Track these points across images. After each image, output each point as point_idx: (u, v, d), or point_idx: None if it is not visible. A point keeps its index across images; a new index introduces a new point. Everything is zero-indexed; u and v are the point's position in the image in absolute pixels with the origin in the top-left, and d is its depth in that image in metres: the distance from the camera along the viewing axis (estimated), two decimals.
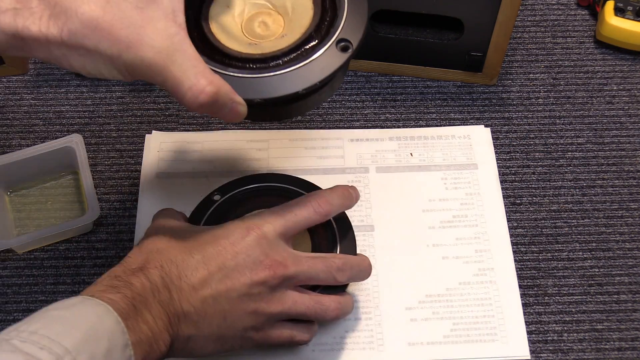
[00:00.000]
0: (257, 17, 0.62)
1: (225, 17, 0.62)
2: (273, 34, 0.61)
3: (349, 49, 0.58)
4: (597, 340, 0.71)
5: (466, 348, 0.70)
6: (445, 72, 0.86)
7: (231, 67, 0.58)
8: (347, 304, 0.65)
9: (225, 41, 0.60)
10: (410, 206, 0.78)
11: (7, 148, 0.82)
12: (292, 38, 0.60)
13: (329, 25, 0.60)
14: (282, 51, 0.59)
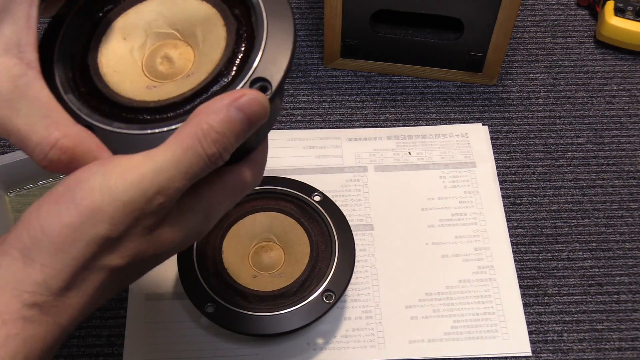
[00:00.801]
0: (160, 51, 0.50)
1: (121, 53, 0.50)
2: (179, 71, 0.49)
3: (268, 90, 0.46)
4: (597, 340, 0.71)
5: (467, 345, 0.70)
6: (445, 72, 0.86)
7: (118, 119, 0.47)
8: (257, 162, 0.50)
9: (117, 85, 0.49)
10: (409, 205, 0.78)
11: (7, 148, 0.82)
12: (198, 77, 0.48)
13: (243, 59, 0.48)
14: (183, 96, 0.47)
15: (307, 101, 0.85)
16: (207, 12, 0.50)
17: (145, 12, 0.51)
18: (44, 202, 0.43)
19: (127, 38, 0.50)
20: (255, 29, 0.48)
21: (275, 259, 0.70)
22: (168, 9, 0.51)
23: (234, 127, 0.43)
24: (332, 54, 0.86)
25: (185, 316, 0.70)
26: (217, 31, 0.49)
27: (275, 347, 0.69)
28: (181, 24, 0.50)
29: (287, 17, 0.49)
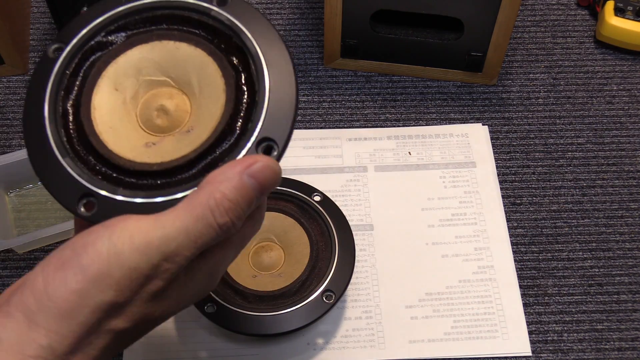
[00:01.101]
0: (155, 100, 0.48)
1: (114, 105, 0.48)
2: (177, 123, 0.47)
3: (274, 150, 0.45)
4: (597, 340, 0.71)
5: (467, 345, 0.70)
6: (445, 72, 0.86)
7: (121, 185, 0.45)
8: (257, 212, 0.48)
9: (115, 144, 0.46)
10: (409, 205, 0.78)
11: (7, 148, 0.82)
12: (200, 135, 0.46)
13: (246, 116, 0.46)
14: (187, 158, 0.45)
15: (307, 101, 0.85)
16: (202, 60, 0.47)
17: (135, 59, 0.48)
18: (50, 264, 0.42)
19: (119, 88, 0.48)
20: (256, 82, 0.46)
21: (275, 259, 0.70)
22: (159, 55, 0.48)
23: (246, 195, 0.43)
24: (332, 54, 0.86)
25: (186, 316, 0.70)
26: (215, 82, 0.47)
27: (275, 347, 0.69)
28: (174, 71, 0.48)
29: (288, 69, 0.46)
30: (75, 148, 0.46)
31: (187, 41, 0.48)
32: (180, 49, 0.48)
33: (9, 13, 0.83)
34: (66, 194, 0.45)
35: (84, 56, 0.48)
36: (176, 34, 0.48)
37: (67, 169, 0.45)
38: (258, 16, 0.48)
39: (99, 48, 0.49)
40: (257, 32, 0.47)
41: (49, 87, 0.47)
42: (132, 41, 0.48)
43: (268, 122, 0.45)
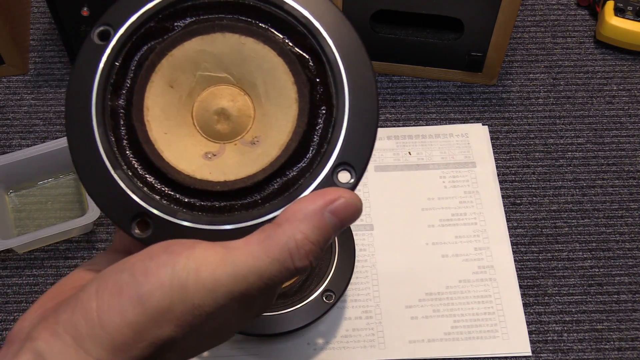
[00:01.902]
0: (215, 101, 0.42)
1: (169, 105, 0.42)
2: (239, 130, 0.42)
3: (351, 178, 0.40)
4: (597, 340, 0.71)
5: (467, 345, 0.70)
6: (445, 72, 0.86)
7: (181, 205, 0.40)
8: None
9: (171, 153, 0.41)
10: (409, 205, 0.78)
11: (7, 148, 0.82)
12: (267, 151, 0.41)
13: (322, 135, 0.40)
14: (254, 180, 0.40)
15: None
16: (272, 61, 0.41)
17: (193, 51, 0.42)
18: (106, 288, 0.38)
19: (174, 85, 0.42)
20: (334, 95, 0.40)
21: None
22: (222, 49, 0.42)
23: (327, 234, 0.38)
24: None
25: None
26: (285, 88, 0.41)
27: (275, 347, 0.69)
28: (237, 69, 0.42)
29: (370, 83, 0.40)
30: (127, 158, 0.41)
31: (255, 36, 0.41)
32: (247, 45, 0.41)
33: (9, 13, 0.83)
34: (118, 212, 0.40)
35: (136, 45, 0.42)
36: (242, 26, 0.42)
37: (120, 184, 0.40)
38: (338, 15, 0.41)
39: (152, 36, 0.42)
40: (337, 34, 0.41)
41: (96, 81, 0.41)
42: (191, 30, 0.42)
43: (346, 144, 0.40)
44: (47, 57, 0.88)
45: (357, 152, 0.40)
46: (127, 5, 0.42)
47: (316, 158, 0.40)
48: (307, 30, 0.41)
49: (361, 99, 0.40)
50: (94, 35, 0.41)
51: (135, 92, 0.41)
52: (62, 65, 0.87)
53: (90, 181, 0.40)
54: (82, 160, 0.40)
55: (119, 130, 0.41)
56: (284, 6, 0.41)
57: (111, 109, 0.41)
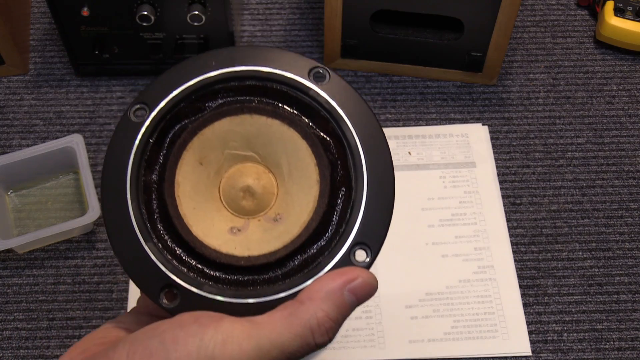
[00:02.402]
0: (241, 179, 0.44)
1: (198, 181, 0.44)
2: (263, 206, 0.44)
3: (367, 257, 0.42)
4: (597, 340, 0.71)
5: (467, 345, 0.70)
6: (445, 72, 0.86)
7: (207, 277, 0.42)
8: None
9: (199, 228, 0.43)
10: (409, 205, 0.78)
11: (7, 148, 0.82)
12: (289, 228, 0.43)
13: (341, 216, 0.43)
14: (277, 256, 0.42)
15: None
16: (296, 143, 0.44)
17: (223, 131, 0.44)
18: (137, 352, 0.39)
19: (204, 162, 0.44)
20: (353, 179, 0.43)
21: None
22: (249, 130, 0.44)
23: (345, 312, 0.41)
24: (332, 54, 0.86)
25: None
26: (307, 169, 0.43)
27: None
28: (263, 148, 0.45)
29: (388, 167, 0.43)
30: (158, 231, 0.43)
31: (281, 119, 0.44)
32: (273, 127, 0.44)
33: (9, 13, 0.83)
34: (148, 283, 0.42)
35: (170, 123, 0.45)
36: (269, 109, 0.44)
37: (151, 257, 0.42)
38: (358, 100, 0.44)
39: (185, 116, 0.45)
40: (357, 120, 0.44)
41: (131, 157, 0.43)
42: (222, 111, 0.44)
43: (363, 225, 0.42)
44: (47, 57, 0.88)
45: (373, 233, 0.42)
46: (162, 86, 0.44)
47: (335, 237, 0.42)
48: (330, 115, 0.44)
49: (379, 182, 0.42)
50: (131, 112, 0.44)
51: (167, 169, 0.44)
52: (62, 65, 0.87)
53: (123, 252, 0.43)
54: (115, 231, 0.43)
55: (151, 204, 0.43)
56: (309, 92, 0.44)
57: (144, 184, 0.43)
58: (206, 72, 0.45)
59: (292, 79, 0.44)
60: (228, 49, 0.45)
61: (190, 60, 0.45)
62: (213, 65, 0.45)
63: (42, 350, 0.70)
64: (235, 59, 0.45)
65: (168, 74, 0.45)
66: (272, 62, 0.45)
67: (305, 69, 0.45)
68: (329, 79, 0.44)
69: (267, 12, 0.92)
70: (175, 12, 0.78)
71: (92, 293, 0.73)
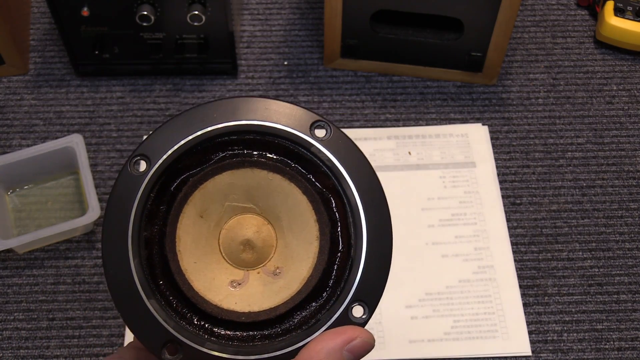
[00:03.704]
0: (241, 232, 0.45)
1: (198, 235, 0.44)
2: (262, 259, 0.45)
3: (364, 314, 0.42)
4: (597, 340, 0.71)
5: (467, 345, 0.70)
6: (445, 72, 0.86)
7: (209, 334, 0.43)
8: None
9: (201, 284, 0.43)
10: (409, 205, 0.78)
11: (7, 148, 0.82)
12: (289, 284, 0.43)
13: (340, 273, 0.43)
14: (277, 313, 0.43)
15: (307, 101, 0.85)
16: (296, 198, 0.44)
17: (224, 184, 0.45)
18: None
19: (204, 215, 0.44)
20: (353, 236, 0.43)
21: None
22: (250, 183, 0.45)
23: None
24: (332, 54, 0.86)
25: None
26: (307, 225, 0.44)
27: None
28: (263, 201, 0.45)
29: (386, 226, 0.43)
30: (160, 287, 0.43)
31: (282, 173, 0.44)
32: (273, 181, 0.44)
33: (9, 13, 0.83)
34: (150, 338, 0.42)
35: (171, 177, 0.44)
36: (270, 163, 0.44)
37: (153, 313, 0.42)
38: (359, 156, 0.45)
39: (186, 169, 0.44)
40: (358, 176, 0.44)
41: (133, 212, 0.43)
42: (223, 165, 0.44)
43: (362, 284, 0.42)
44: (47, 57, 0.88)
45: (371, 291, 0.42)
46: (162, 138, 0.44)
47: (334, 294, 0.43)
48: (331, 171, 0.44)
49: (378, 241, 0.43)
50: (131, 166, 0.44)
51: (169, 223, 0.43)
52: (62, 65, 0.87)
53: (125, 308, 0.42)
54: (117, 287, 0.42)
55: (153, 259, 0.43)
56: (310, 148, 0.44)
57: (145, 239, 0.43)
58: (207, 126, 0.44)
59: (293, 134, 0.44)
60: (229, 101, 0.45)
61: (191, 111, 0.45)
62: (214, 118, 0.44)
63: (42, 350, 0.70)
64: (236, 111, 0.44)
65: (168, 125, 0.44)
66: (274, 116, 0.45)
67: (307, 123, 0.45)
68: (331, 133, 0.45)
69: (267, 12, 0.92)
70: (175, 12, 0.78)
71: (92, 293, 0.73)
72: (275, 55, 0.89)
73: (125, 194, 0.43)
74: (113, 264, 0.42)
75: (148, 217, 0.43)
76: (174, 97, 0.85)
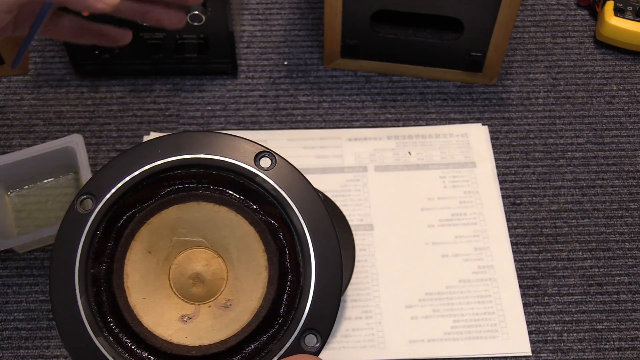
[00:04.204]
0: (189, 266, 0.45)
1: (147, 271, 0.44)
2: (213, 292, 0.45)
3: (317, 342, 0.42)
4: (597, 340, 0.71)
5: (467, 345, 0.70)
6: (445, 72, 0.86)
7: None
8: None
9: (150, 319, 0.43)
10: (409, 205, 0.78)
11: (7, 148, 0.82)
12: (239, 316, 0.43)
13: (290, 302, 0.43)
14: (227, 345, 0.42)
15: (307, 101, 0.85)
16: (243, 229, 0.44)
17: (171, 218, 0.45)
18: None
19: (152, 251, 0.45)
20: (301, 264, 0.43)
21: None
22: (197, 217, 0.45)
23: None
24: (332, 54, 0.86)
25: None
26: (256, 255, 0.44)
27: None
28: (211, 234, 0.45)
29: (334, 252, 0.43)
30: (108, 324, 0.43)
31: (228, 205, 0.45)
32: (220, 213, 0.45)
33: None
34: None
35: (117, 214, 0.45)
36: (216, 196, 0.45)
37: (102, 351, 0.42)
38: (304, 184, 0.45)
39: (132, 205, 0.45)
40: (304, 205, 0.44)
41: (79, 250, 0.43)
42: (169, 200, 0.45)
43: (312, 311, 0.42)
44: (47, 57, 0.88)
45: (322, 319, 0.42)
46: (108, 176, 0.45)
47: (285, 324, 0.43)
48: (277, 201, 0.44)
49: (327, 267, 0.43)
50: (77, 204, 0.44)
51: (116, 260, 0.44)
52: (62, 65, 0.87)
53: (74, 347, 0.42)
54: (65, 325, 0.43)
55: (100, 297, 0.43)
56: (255, 179, 0.44)
57: (93, 276, 0.43)
58: (151, 162, 0.45)
59: (238, 165, 0.45)
60: (173, 136, 0.45)
61: (136, 147, 0.45)
62: (158, 154, 0.45)
63: (42, 350, 0.70)
64: (180, 146, 0.45)
65: (114, 162, 0.45)
66: (218, 149, 0.45)
67: (252, 154, 0.45)
68: (275, 163, 0.45)
69: (267, 12, 0.92)
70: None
71: None
72: (275, 55, 0.89)
73: (72, 232, 0.44)
74: (61, 303, 0.43)
75: (95, 255, 0.44)
76: (174, 97, 0.85)
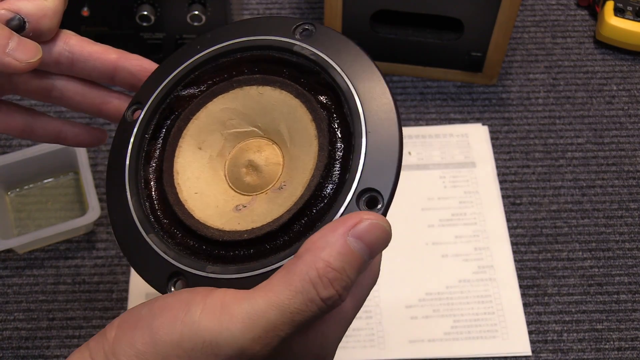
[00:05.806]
0: (244, 156, 0.43)
1: (199, 167, 0.43)
2: (270, 179, 0.42)
3: (378, 203, 0.38)
4: (597, 340, 0.71)
5: (467, 345, 0.70)
6: (445, 72, 0.86)
7: (210, 260, 0.41)
8: None
9: (202, 211, 0.42)
10: (409, 205, 0.78)
11: (7, 148, 0.82)
12: (293, 192, 0.40)
13: (343, 165, 0.40)
14: (279, 222, 0.39)
15: None
16: (290, 104, 0.42)
17: (217, 111, 0.43)
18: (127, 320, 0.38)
19: (203, 146, 0.43)
20: (350, 123, 0.40)
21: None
22: (243, 104, 0.43)
23: (354, 261, 0.36)
24: None
25: None
26: (306, 128, 0.41)
27: None
28: (261, 119, 0.43)
29: (388, 104, 0.39)
30: (161, 221, 0.42)
31: (271, 84, 0.42)
32: (265, 94, 0.43)
33: None
34: (154, 274, 0.41)
35: (163, 116, 0.44)
36: (258, 77, 0.43)
37: (153, 247, 0.41)
38: (349, 44, 0.42)
39: (178, 104, 0.44)
40: (348, 63, 0.41)
41: (128, 154, 0.44)
42: (212, 92, 0.44)
43: (368, 169, 0.38)
44: None
45: (381, 176, 0.38)
46: (151, 82, 0.45)
47: (339, 189, 0.39)
48: (318, 65, 0.42)
49: (379, 120, 0.39)
50: (127, 114, 0.45)
51: (165, 159, 0.43)
52: None
53: (127, 248, 0.42)
54: (119, 228, 0.43)
55: (152, 196, 0.43)
56: (292, 48, 0.42)
57: (145, 178, 0.43)
58: (191, 57, 0.44)
59: (274, 40, 0.43)
60: (213, 31, 0.45)
61: (178, 50, 0.45)
62: (197, 49, 0.44)
63: (42, 350, 0.70)
64: (217, 37, 0.44)
65: (158, 69, 0.45)
66: (255, 31, 0.44)
67: (290, 27, 0.43)
68: (315, 31, 0.42)
69: (267, 12, 0.92)
70: (175, 12, 0.78)
71: (92, 293, 0.73)
72: None
73: (122, 140, 0.44)
74: (115, 208, 0.43)
75: (146, 158, 0.44)
76: None
